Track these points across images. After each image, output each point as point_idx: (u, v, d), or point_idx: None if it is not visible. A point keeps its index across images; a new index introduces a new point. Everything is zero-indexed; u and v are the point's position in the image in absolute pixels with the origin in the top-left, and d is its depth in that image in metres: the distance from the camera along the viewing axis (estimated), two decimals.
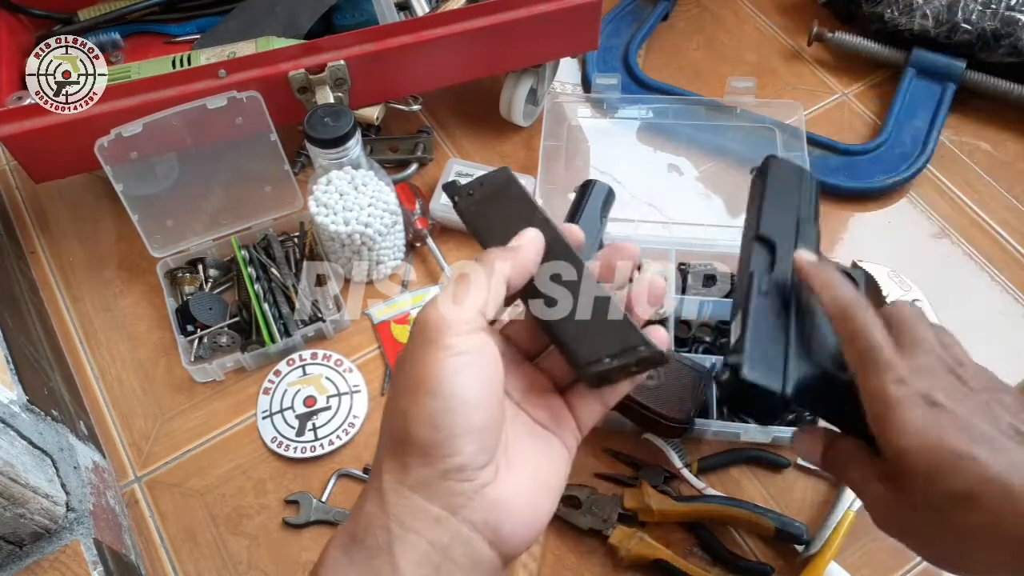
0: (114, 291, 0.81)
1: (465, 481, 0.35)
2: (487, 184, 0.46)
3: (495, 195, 0.46)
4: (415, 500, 0.35)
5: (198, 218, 0.79)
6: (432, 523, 0.35)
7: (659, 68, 0.95)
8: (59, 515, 0.56)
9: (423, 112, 0.90)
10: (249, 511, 0.69)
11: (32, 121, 0.69)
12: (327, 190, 0.73)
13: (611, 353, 0.39)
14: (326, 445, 0.70)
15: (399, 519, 0.35)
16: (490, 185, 0.46)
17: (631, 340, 0.39)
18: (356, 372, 0.75)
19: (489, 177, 0.47)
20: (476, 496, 0.35)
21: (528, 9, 0.75)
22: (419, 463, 0.35)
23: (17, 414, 0.56)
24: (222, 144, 0.75)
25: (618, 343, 0.39)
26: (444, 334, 0.36)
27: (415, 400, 0.35)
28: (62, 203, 0.87)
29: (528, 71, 0.83)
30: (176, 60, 0.76)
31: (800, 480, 0.68)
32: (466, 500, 0.35)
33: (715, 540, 0.64)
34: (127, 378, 0.76)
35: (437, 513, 0.35)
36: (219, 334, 0.75)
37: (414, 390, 0.36)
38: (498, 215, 0.45)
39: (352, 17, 0.81)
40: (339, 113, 0.70)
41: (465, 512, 0.35)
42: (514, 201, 0.45)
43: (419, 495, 0.35)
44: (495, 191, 0.46)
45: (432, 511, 0.35)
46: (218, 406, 0.74)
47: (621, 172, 0.83)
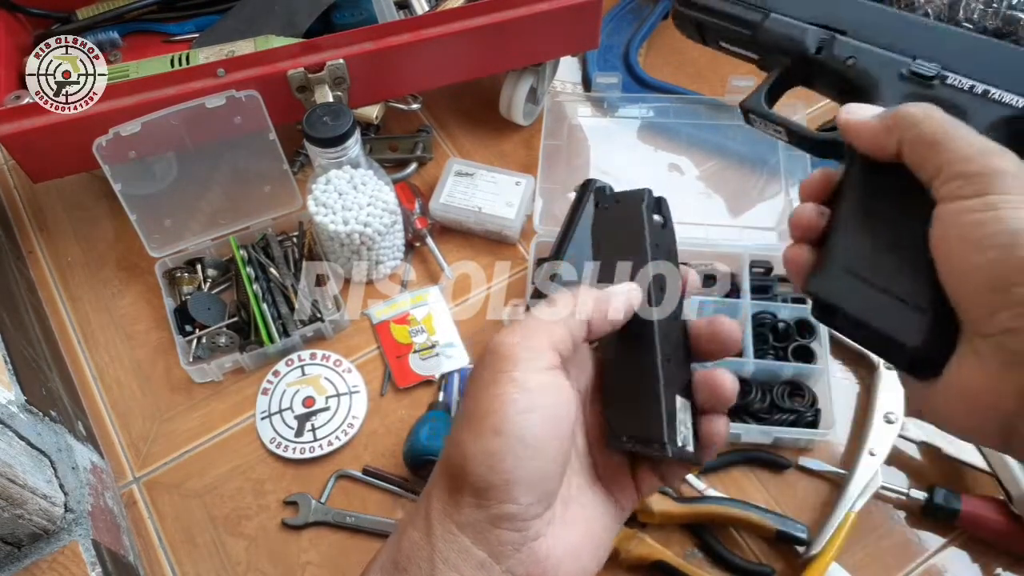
0: (112, 291, 0.80)
1: (515, 531, 0.34)
2: (623, 203, 0.43)
3: (624, 218, 0.42)
4: (461, 540, 0.34)
5: (196, 218, 0.79)
6: (475, 568, 0.33)
7: (660, 67, 0.95)
8: (57, 516, 0.56)
9: (423, 111, 0.89)
10: (248, 512, 0.68)
11: (30, 120, 0.69)
12: (326, 189, 0.72)
13: (633, 435, 0.38)
14: (325, 446, 0.70)
15: (443, 555, 0.34)
16: (624, 206, 0.43)
17: (653, 433, 0.37)
18: (355, 372, 0.74)
19: (627, 196, 0.43)
20: (524, 549, 0.34)
21: (528, 7, 0.75)
22: (471, 503, 0.34)
23: (15, 414, 0.55)
24: (221, 143, 0.75)
25: (644, 428, 0.37)
26: (515, 366, 0.34)
27: (478, 434, 0.34)
28: (60, 203, 0.86)
29: (528, 70, 0.83)
30: (175, 59, 0.76)
31: (801, 481, 0.68)
32: (513, 551, 0.34)
33: (716, 541, 0.64)
34: (125, 378, 0.75)
35: (481, 558, 0.34)
36: (218, 334, 0.74)
37: (478, 423, 0.34)
38: (615, 240, 0.42)
39: (351, 16, 0.81)
40: (338, 112, 0.70)
41: (510, 563, 0.34)
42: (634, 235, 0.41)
43: (466, 536, 0.34)
44: (626, 214, 0.42)
45: (477, 555, 0.34)
46: (217, 406, 0.73)
47: (621, 171, 0.83)
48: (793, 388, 0.70)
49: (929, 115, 0.35)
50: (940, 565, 0.64)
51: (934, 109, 0.35)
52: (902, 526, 0.66)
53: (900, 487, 0.66)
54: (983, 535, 0.64)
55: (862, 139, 0.37)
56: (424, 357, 0.75)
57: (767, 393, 0.70)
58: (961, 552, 0.65)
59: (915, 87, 0.39)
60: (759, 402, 0.69)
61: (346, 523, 0.67)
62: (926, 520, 0.65)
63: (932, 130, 0.34)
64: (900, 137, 0.35)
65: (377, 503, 0.68)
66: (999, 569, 0.64)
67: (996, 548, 0.64)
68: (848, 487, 0.65)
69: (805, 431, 0.67)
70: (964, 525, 0.64)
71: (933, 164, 0.34)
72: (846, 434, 0.70)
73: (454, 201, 0.81)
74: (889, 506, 0.67)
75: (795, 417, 0.68)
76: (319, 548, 0.67)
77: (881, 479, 0.65)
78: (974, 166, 0.32)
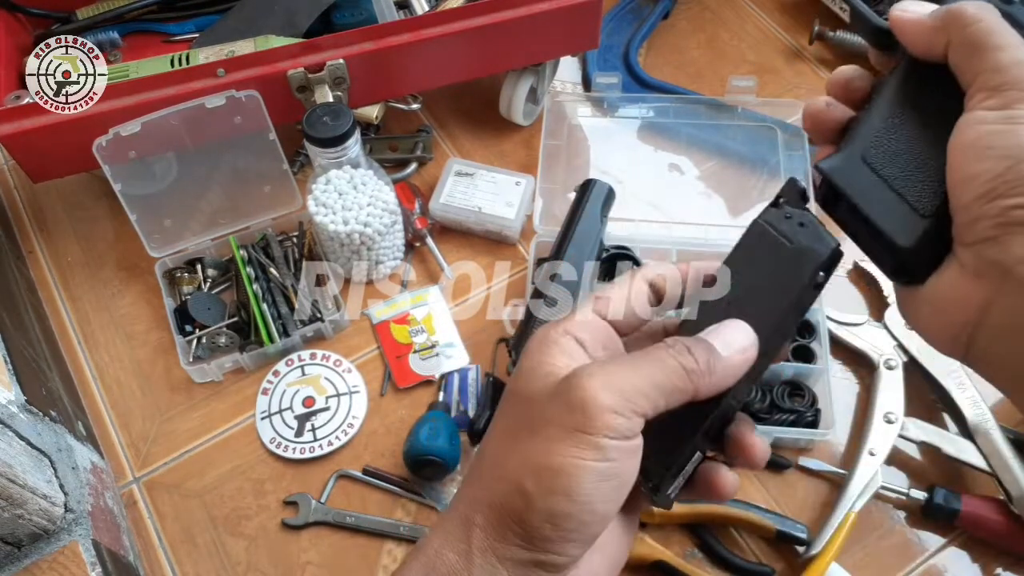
0: (112, 291, 0.80)
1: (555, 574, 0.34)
2: (805, 228, 0.37)
3: (792, 253, 0.37)
4: (500, 573, 0.33)
5: (196, 218, 0.79)
6: None
7: (660, 67, 0.95)
8: (57, 516, 0.56)
9: (423, 111, 0.89)
10: (248, 512, 0.68)
11: (30, 120, 0.69)
12: (326, 189, 0.72)
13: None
14: (325, 446, 0.70)
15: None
16: (803, 234, 0.37)
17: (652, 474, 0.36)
18: (355, 372, 0.74)
19: (813, 226, 0.37)
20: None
21: (528, 7, 0.75)
22: (520, 544, 0.33)
23: (15, 414, 0.55)
24: (221, 143, 0.75)
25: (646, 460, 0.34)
26: (601, 431, 0.32)
27: (547, 492, 0.32)
28: (60, 203, 0.86)
29: (528, 70, 0.83)
30: (174, 59, 0.76)
31: (801, 481, 0.68)
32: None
33: (716, 541, 0.64)
34: (125, 378, 0.75)
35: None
36: (218, 334, 0.74)
37: (548, 479, 0.32)
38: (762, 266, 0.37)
39: (351, 16, 0.81)
40: (338, 112, 0.70)
41: None
42: (786, 279, 0.36)
43: (506, 569, 0.33)
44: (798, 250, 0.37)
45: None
46: (217, 406, 0.73)
47: (621, 171, 0.83)
48: (793, 388, 0.70)
49: (980, 17, 0.33)
50: (940, 565, 0.64)
51: (989, 10, 0.34)
52: (902, 526, 0.66)
53: (900, 487, 0.66)
54: (983, 535, 0.64)
55: (912, 37, 0.36)
56: (424, 357, 0.75)
57: (767, 393, 0.70)
58: (961, 552, 0.65)
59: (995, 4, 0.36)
60: (759, 402, 0.69)
61: (346, 523, 0.67)
62: (926, 520, 0.65)
63: (979, 34, 0.33)
64: (948, 38, 0.34)
65: (377, 503, 0.68)
66: (999, 569, 0.64)
67: (996, 548, 0.64)
68: (848, 487, 0.65)
69: (805, 431, 0.67)
70: (964, 525, 0.64)
71: (972, 70, 0.33)
72: (846, 434, 0.70)
73: (454, 201, 0.81)
74: (889, 506, 0.67)
75: (795, 417, 0.68)
76: (319, 548, 0.67)
77: (881, 479, 0.65)
78: (1007, 77, 0.32)
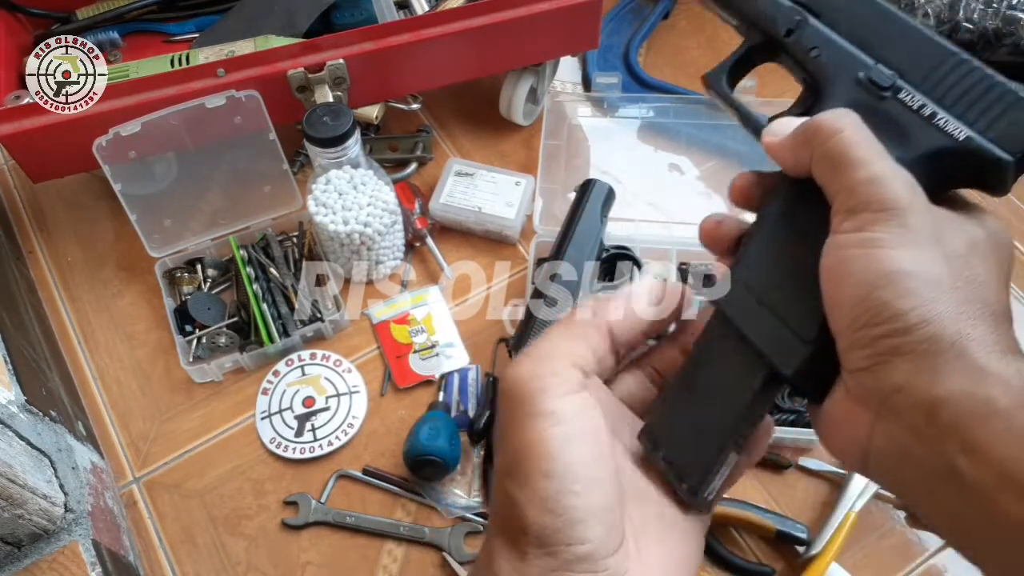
0: (112, 291, 0.80)
1: (593, 573, 0.30)
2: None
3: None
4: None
5: (196, 218, 0.79)
6: None
7: (660, 67, 0.95)
8: (57, 516, 0.56)
9: (423, 111, 0.89)
10: (248, 512, 0.68)
11: (30, 120, 0.69)
12: (326, 189, 0.72)
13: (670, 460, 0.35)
14: (325, 446, 0.70)
15: None
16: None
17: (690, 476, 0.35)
18: (355, 372, 0.74)
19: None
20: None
21: (528, 8, 0.75)
22: (539, 553, 0.30)
23: (15, 414, 0.55)
24: (221, 143, 0.75)
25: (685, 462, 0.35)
26: (540, 399, 0.31)
27: (527, 484, 0.31)
28: (60, 203, 0.86)
29: (528, 70, 0.83)
30: (175, 59, 0.76)
31: (801, 481, 0.68)
32: None
33: (716, 541, 0.64)
34: (125, 378, 0.75)
35: None
36: (218, 334, 0.74)
37: (524, 471, 0.31)
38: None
39: (351, 16, 0.81)
40: (338, 112, 0.70)
41: None
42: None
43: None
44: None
45: None
46: (217, 406, 0.73)
47: (621, 171, 0.83)
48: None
49: (838, 129, 0.31)
50: (940, 565, 0.64)
51: (847, 123, 0.32)
52: (902, 526, 0.66)
53: None
54: None
55: (780, 157, 0.35)
56: (424, 357, 0.75)
57: None
58: None
59: (865, 95, 0.34)
60: None
61: (346, 523, 0.67)
62: None
63: (837, 149, 0.31)
64: (811, 153, 0.33)
65: (377, 503, 0.68)
66: None
67: None
68: (848, 487, 0.65)
69: (805, 431, 0.67)
70: None
71: (831, 189, 0.32)
72: None
73: (454, 201, 0.81)
74: (889, 506, 0.67)
75: (795, 417, 0.68)
76: (319, 548, 0.67)
77: None
78: (860, 198, 0.30)
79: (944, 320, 0.28)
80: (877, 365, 0.29)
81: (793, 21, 0.39)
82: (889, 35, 0.35)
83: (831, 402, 0.32)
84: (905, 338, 0.29)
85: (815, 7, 0.38)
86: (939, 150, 0.32)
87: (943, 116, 0.33)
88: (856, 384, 0.31)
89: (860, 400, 0.30)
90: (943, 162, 0.33)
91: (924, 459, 0.29)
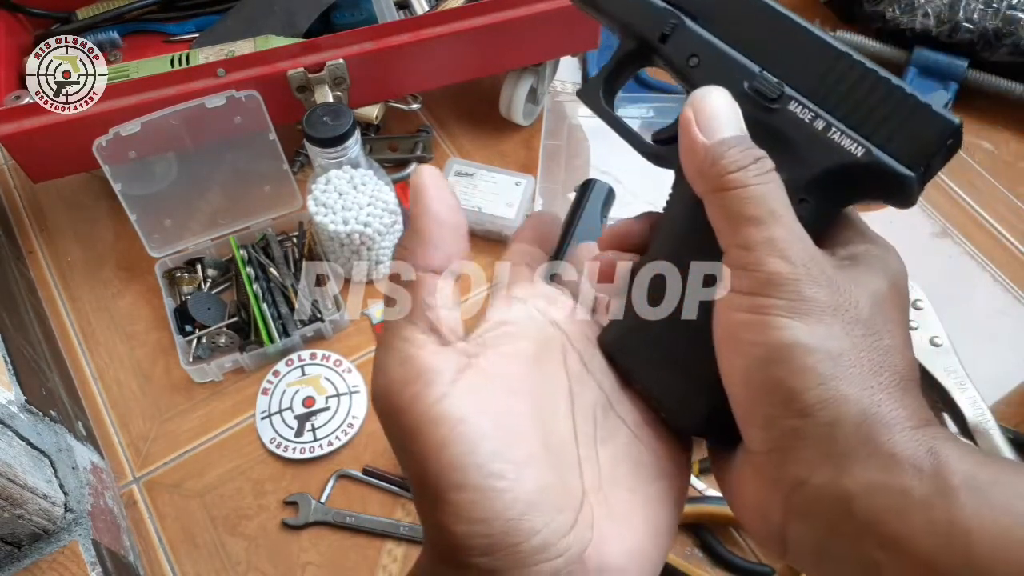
0: (112, 291, 0.80)
1: (553, 559, 0.26)
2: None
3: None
4: None
5: (196, 218, 0.79)
6: None
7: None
8: (57, 516, 0.56)
9: (422, 111, 0.89)
10: (248, 512, 0.68)
11: (30, 120, 0.69)
12: (326, 189, 0.72)
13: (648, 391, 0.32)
14: (325, 446, 0.70)
15: None
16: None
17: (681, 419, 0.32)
18: (355, 372, 0.74)
19: None
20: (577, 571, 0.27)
21: (528, 8, 0.75)
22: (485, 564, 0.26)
23: (15, 414, 0.55)
24: (221, 143, 0.75)
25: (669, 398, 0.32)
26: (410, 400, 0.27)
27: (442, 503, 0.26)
28: (60, 203, 0.86)
29: (528, 70, 0.83)
30: (175, 59, 0.76)
31: None
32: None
33: (716, 541, 0.64)
34: (125, 378, 0.75)
35: None
36: (218, 334, 0.74)
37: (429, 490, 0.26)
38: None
39: (351, 16, 0.81)
40: (338, 112, 0.70)
41: None
42: None
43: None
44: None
45: None
46: (217, 407, 0.73)
47: (621, 171, 0.83)
48: None
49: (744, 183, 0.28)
50: None
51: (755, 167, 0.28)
52: None
53: None
54: None
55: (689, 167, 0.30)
56: None
57: None
58: None
59: (754, 109, 0.30)
60: None
61: (346, 523, 0.67)
62: None
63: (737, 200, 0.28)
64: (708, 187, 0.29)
65: (377, 503, 0.68)
66: None
67: None
68: None
69: None
70: None
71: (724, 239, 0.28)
72: None
73: None
74: None
75: None
76: (319, 548, 0.67)
77: None
78: (753, 259, 0.27)
79: (847, 401, 0.25)
80: (777, 451, 0.27)
81: (668, 25, 0.33)
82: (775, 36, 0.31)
83: (739, 475, 0.29)
84: (803, 421, 0.26)
85: (691, 8, 0.33)
86: (835, 168, 0.29)
87: (837, 129, 0.29)
88: (763, 464, 0.28)
89: (768, 482, 0.27)
90: (841, 180, 0.30)
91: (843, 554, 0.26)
